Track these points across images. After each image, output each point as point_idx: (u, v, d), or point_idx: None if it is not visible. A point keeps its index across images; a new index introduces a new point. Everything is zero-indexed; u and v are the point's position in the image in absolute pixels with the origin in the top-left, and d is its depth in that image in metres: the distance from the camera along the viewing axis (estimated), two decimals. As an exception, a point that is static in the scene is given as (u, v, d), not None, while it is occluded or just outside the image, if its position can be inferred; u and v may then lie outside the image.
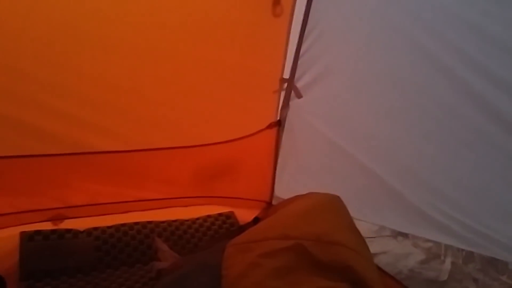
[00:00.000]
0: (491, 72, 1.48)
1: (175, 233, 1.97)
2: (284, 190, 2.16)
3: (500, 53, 1.45)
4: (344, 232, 1.33)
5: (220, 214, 2.15)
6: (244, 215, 2.12)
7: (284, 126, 2.04)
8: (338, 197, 1.49)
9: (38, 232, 1.76)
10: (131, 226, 1.92)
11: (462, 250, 2.32)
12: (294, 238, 1.23)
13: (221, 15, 1.57)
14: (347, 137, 1.88)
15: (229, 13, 1.57)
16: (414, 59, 1.61)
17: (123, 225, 1.92)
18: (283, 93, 1.95)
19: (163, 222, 2.00)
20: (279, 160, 2.13)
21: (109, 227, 1.89)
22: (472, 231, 1.75)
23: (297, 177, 2.12)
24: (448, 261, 2.32)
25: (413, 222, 1.89)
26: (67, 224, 1.84)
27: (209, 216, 2.13)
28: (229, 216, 2.16)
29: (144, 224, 1.95)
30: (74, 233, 1.81)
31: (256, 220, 1.99)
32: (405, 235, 2.49)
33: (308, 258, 1.19)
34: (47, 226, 1.81)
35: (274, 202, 2.22)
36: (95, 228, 1.87)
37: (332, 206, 1.45)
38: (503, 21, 1.41)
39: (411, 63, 1.62)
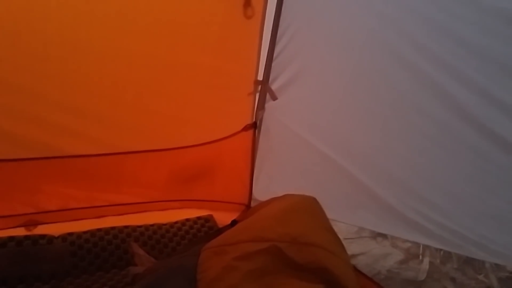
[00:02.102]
0: (462, 74, 1.49)
1: (153, 237, 1.95)
2: (262, 192, 2.16)
3: (480, 62, 1.46)
4: (320, 233, 1.33)
5: (198, 218, 2.14)
6: (223, 218, 2.10)
7: (260, 128, 2.04)
8: (314, 198, 1.49)
9: (11, 238, 1.73)
10: (107, 231, 1.90)
11: (440, 250, 2.35)
12: (270, 240, 1.22)
13: (192, 18, 1.55)
14: (324, 138, 1.88)
15: (200, 15, 1.56)
16: (388, 61, 1.61)
17: (99, 230, 1.89)
18: (258, 95, 1.94)
19: (140, 226, 1.98)
20: (256, 163, 2.13)
21: (84, 232, 1.86)
22: (450, 232, 1.77)
23: (275, 179, 2.12)
24: (426, 261, 2.34)
25: (391, 223, 1.90)
26: (41, 230, 1.81)
27: (187, 219, 2.12)
28: (208, 219, 2.15)
29: (121, 229, 1.93)
30: (49, 238, 1.79)
31: (233, 223, 1.97)
32: (384, 236, 2.50)
33: (284, 259, 1.18)
34: (20, 232, 1.78)
35: (252, 204, 2.21)
36: (70, 234, 1.84)
37: (308, 207, 1.44)
38: (482, 30, 1.42)
39: (385, 65, 1.62)
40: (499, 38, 1.40)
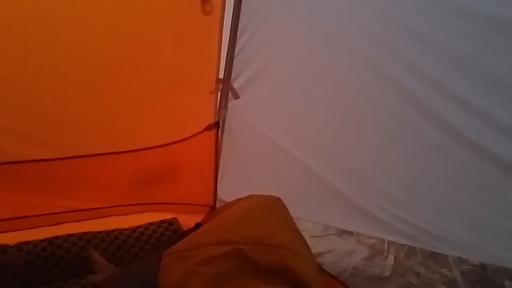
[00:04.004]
0: (420, 69, 1.52)
1: (114, 243, 1.89)
2: (227, 192, 2.14)
3: (438, 56, 1.49)
4: (284, 234, 1.31)
5: (162, 221, 2.09)
6: (188, 220, 2.06)
7: (223, 128, 2.01)
8: (278, 198, 1.47)
9: (-38, 249, 1.65)
10: (66, 238, 1.83)
11: (404, 245, 2.37)
12: (233, 243, 1.20)
13: (148, 13, 1.50)
14: (287, 137, 1.87)
15: (156, 11, 1.51)
16: (348, 56, 1.61)
17: (57, 237, 1.82)
18: (220, 94, 1.91)
19: (100, 232, 1.91)
20: (221, 163, 2.10)
21: (41, 241, 1.79)
22: (413, 227, 1.80)
23: (240, 179, 2.11)
24: (391, 257, 2.36)
25: (356, 219, 1.92)
26: (-6, 240, 1.72)
27: (150, 223, 2.06)
28: (172, 222, 2.10)
29: (80, 236, 1.86)
30: (3, 248, 1.71)
31: (197, 226, 1.94)
32: (350, 233, 2.52)
33: (248, 262, 1.16)
34: (-28, 242, 1.69)
35: (218, 205, 2.19)
36: (26, 242, 1.77)
37: (272, 207, 1.43)
38: (436, 21, 1.44)
39: (346, 60, 1.63)
40: (457, 33, 1.42)
